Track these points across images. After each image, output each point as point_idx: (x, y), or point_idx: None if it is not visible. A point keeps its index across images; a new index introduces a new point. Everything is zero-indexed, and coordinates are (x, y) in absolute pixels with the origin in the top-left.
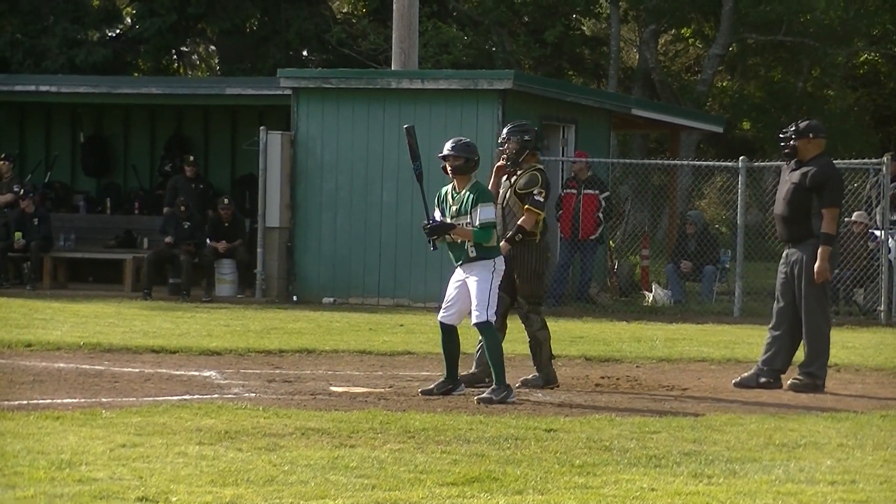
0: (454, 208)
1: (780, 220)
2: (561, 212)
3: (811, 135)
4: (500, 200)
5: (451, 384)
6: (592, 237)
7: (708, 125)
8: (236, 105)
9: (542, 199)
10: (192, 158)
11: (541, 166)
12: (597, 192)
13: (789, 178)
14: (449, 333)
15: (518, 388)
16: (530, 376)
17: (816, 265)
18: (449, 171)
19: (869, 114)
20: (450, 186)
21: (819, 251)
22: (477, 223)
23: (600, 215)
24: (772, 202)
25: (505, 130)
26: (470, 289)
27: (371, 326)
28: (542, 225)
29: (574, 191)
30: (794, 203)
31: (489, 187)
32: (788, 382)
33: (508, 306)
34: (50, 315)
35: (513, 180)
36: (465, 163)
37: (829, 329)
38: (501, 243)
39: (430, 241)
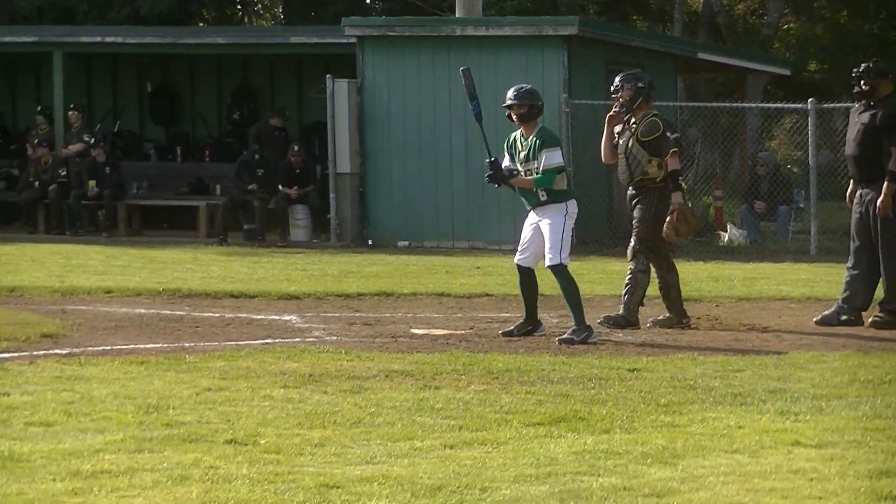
0: (522, 154)
1: (852, 161)
2: None
3: (886, 75)
4: (620, 150)
5: (530, 325)
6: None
7: (775, 68)
8: (302, 54)
9: (672, 138)
10: (284, 110)
11: (656, 112)
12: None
13: (859, 119)
14: (526, 276)
15: (602, 324)
16: (614, 314)
17: (879, 201)
18: (514, 119)
19: None
20: (518, 132)
21: (884, 187)
22: (541, 168)
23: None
24: (842, 143)
25: (617, 79)
26: (543, 232)
27: (447, 269)
28: (662, 170)
29: None
30: (866, 143)
31: (603, 138)
32: (870, 320)
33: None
34: (127, 262)
35: (633, 128)
36: (530, 110)
37: None
38: (673, 195)
39: (490, 178)
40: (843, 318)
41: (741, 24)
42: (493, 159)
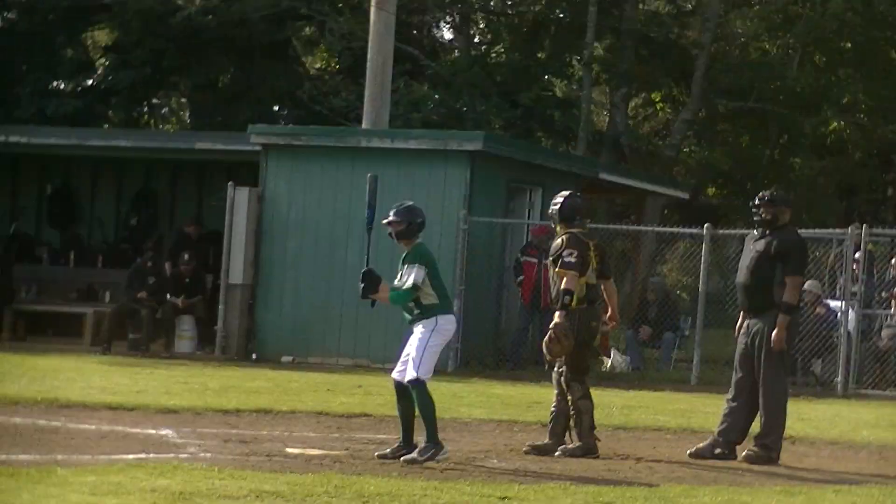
0: (400, 272)
1: (743, 289)
2: (522, 278)
3: (787, 204)
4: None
5: (405, 449)
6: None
7: (674, 191)
8: (205, 160)
9: (572, 259)
10: (199, 217)
11: (573, 230)
12: None
13: (754, 246)
14: (402, 393)
15: (557, 455)
16: (571, 445)
17: (774, 333)
18: (393, 237)
19: (834, 183)
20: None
21: (778, 319)
22: (402, 284)
23: None
24: (733, 270)
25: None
26: (408, 345)
27: (329, 387)
28: (582, 291)
29: (534, 259)
30: (758, 272)
31: None
32: (743, 454)
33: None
34: (7, 368)
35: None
36: (408, 227)
37: (787, 401)
38: (556, 314)
39: (363, 294)
40: (718, 451)
41: (645, 145)
42: (368, 269)
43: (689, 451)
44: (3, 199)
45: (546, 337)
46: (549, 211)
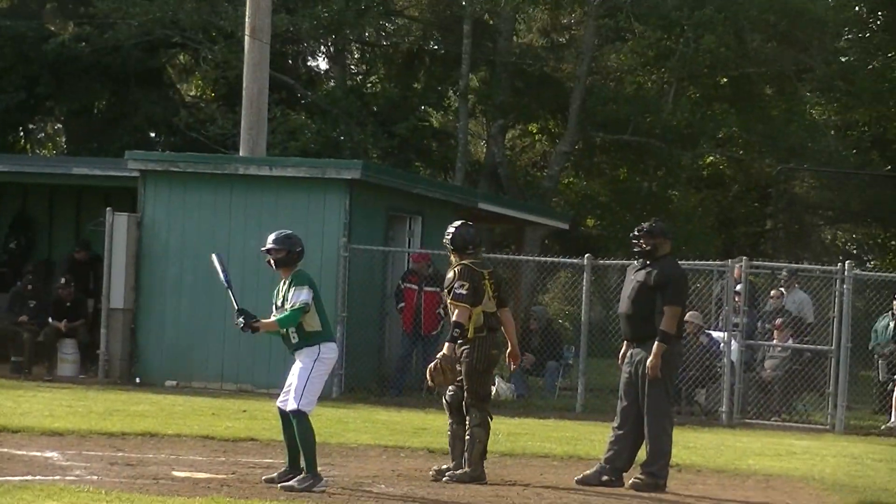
0: (280, 299)
1: (625, 319)
2: (402, 304)
3: (666, 235)
4: None
5: (292, 473)
6: (434, 332)
7: (553, 221)
8: (83, 185)
9: (463, 292)
10: (88, 242)
11: (466, 262)
12: (437, 289)
13: (634, 276)
14: (286, 420)
15: (445, 481)
16: (459, 471)
17: (649, 360)
18: (272, 264)
19: (713, 215)
20: (281, 280)
21: (654, 347)
22: (287, 306)
23: (441, 311)
24: (615, 299)
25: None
26: (292, 375)
27: (214, 411)
28: (480, 319)
29: (415, 286)
30: (639, 302)
31: None
32: (630, 482)
33: (460, 398)
34: None
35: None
36: (287, 255)
37: (672, 429)
38: (445, 345)
39: (241, 327)
40: (604, 478)
41: (522, 176)
42: (238, 309)
43: (576, 478)
44: None
45: (431, 365)
46: (444, 241)
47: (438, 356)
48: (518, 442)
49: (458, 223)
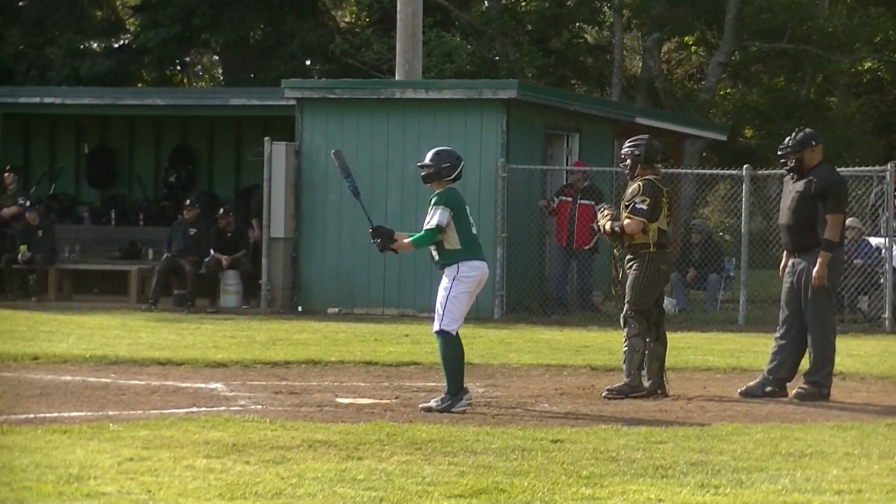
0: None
1: (786, 230)
2: (556, 219)
3: (813, 143)
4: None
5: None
6: (587, 247)
7: (712, 133)
8: (241, 116)
9: (643, 206)
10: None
11: (650, 177)
12: (593, 202)
13: (793, 187)
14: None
15: (604, 395)
16: (617, 384)
17: (815, 270)
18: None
19: (872, 121)
20: None
21: (820, 256)
22: (425, 226)
23: (595, 226)
24: (776, 210)
25: (627, 143)
26: (437, 295)
27: (376, 337)
28: (654, 235)
29: (570, 199)
30: (800, 212)
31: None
32: (794, 391)
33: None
34: (55, 327)
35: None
36: (434, 171)
37: (835, 337)
38: (624, 222)
39: (377, 246)
40: (768, 389)
41: (679, 89)
42: (375, 226)
43: (739, 390)
44: (42, 161)
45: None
46: (625, 152)
47: (616, 225)
48: (681, 356)
49: (644, 137)
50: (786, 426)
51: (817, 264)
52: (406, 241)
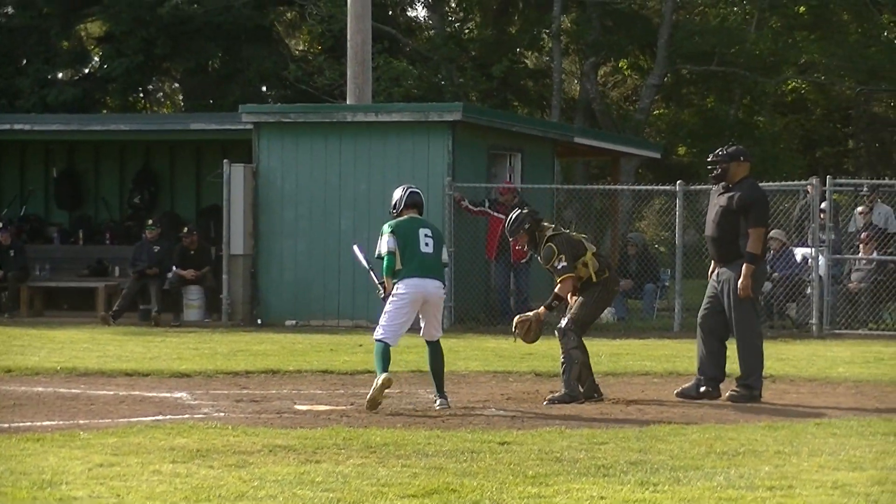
0: None
1: (711, 242)
2: (487, 234)
3: (741, 158)
4: None
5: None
6: (523, 261)
7: (646, 151)
8: (201, 139)
9: (564, 265)
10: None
11: (550, 233)
12: None
13: (717, 200)
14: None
15: (546, 404)
16: (556, 393)
17: (740, 282)
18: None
19: (797, 138)
20: None
21: (743, 269)
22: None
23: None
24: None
25: (507, 230)
26: None
27: (332, 347)
28: (595, 263)
29: (502, 216)
30: (723, 225)
31: None
32: (727, 394)
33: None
34: (27, 342)
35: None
36: (393, 207)
37: (762, 342)
38: (541, 308)
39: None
40: (702, 389)
41: (615, 110)
42: (385, 294)
43: (675, 392)
44: (12, 184)
45: (520, 318)
46: (522, 233)
47: (531, 314)
48: (620, 362)
49: (512, 218)
50: (720, 426)
51: (741, 276)
52: (384, 278)
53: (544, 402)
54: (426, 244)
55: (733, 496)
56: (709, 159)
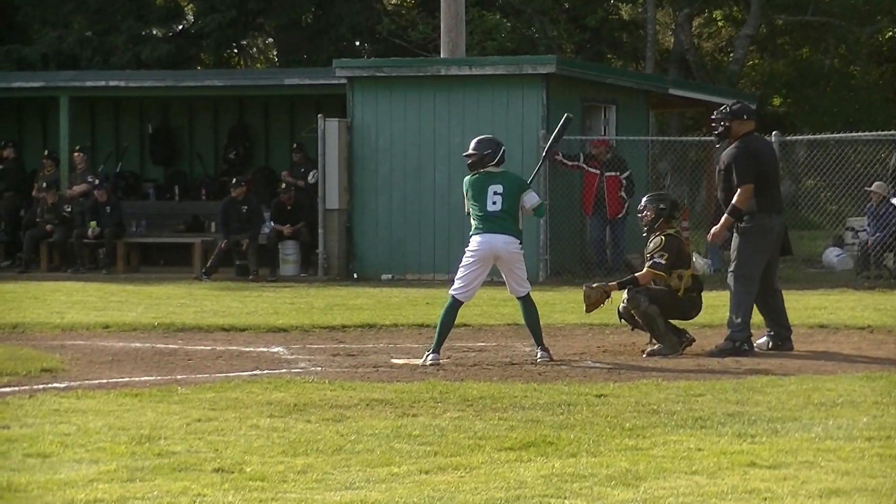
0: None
1: (718, 201)
2: (583, 189)
3: (745, 116)
4: None
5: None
6: (619, 215)
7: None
8: (294, 95)
9: (661, 261)
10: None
11: (671, 231)
12: (617, 173)
13: (719, 158)
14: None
15: (645, 357)
16: (655, 346)
17: (714, 228)
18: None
19: (893, 88)
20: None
21: (723, 218)
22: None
23: (623, 194)
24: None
25: (644, 199)
26: None
27: (427, 301)
28: (689, 282)
29: (596, 171)
30: (722, 185)
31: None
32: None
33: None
34: (124, 297)
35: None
36: (478, 158)
37: (750, 301)
38: (615, 283)
39: None
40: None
41: (709, 61)
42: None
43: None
44: (107, 141)
45: (590, 290)
46: (651, 209)
47: (602, 285)
48: (717, 314)
49: (656, 192)
50: (817, 377)
51: (719, 224)
52: None
53: (643, 355)
54: (493, 202)
55: (831, 447)
56: (713, 116)
